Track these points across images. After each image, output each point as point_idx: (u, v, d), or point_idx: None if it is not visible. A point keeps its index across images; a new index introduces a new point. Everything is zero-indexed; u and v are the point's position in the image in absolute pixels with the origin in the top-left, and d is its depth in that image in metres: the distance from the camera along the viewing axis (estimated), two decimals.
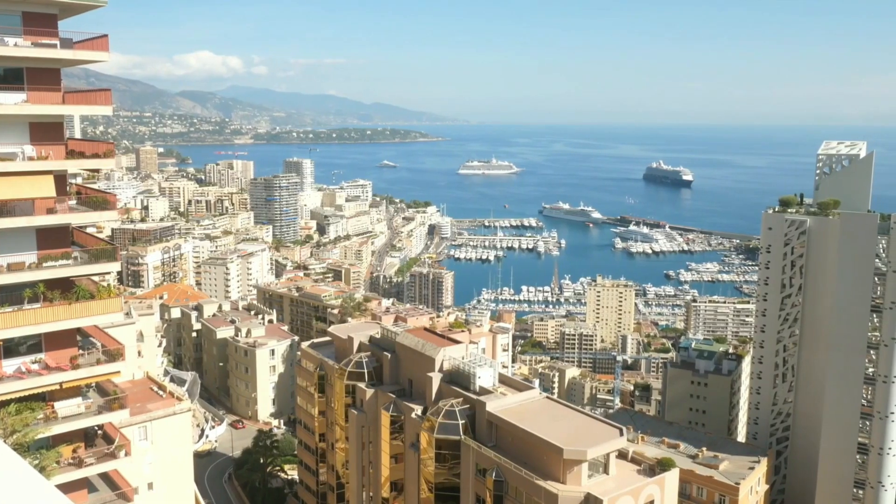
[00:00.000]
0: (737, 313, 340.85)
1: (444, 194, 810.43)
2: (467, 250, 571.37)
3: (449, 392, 76.65)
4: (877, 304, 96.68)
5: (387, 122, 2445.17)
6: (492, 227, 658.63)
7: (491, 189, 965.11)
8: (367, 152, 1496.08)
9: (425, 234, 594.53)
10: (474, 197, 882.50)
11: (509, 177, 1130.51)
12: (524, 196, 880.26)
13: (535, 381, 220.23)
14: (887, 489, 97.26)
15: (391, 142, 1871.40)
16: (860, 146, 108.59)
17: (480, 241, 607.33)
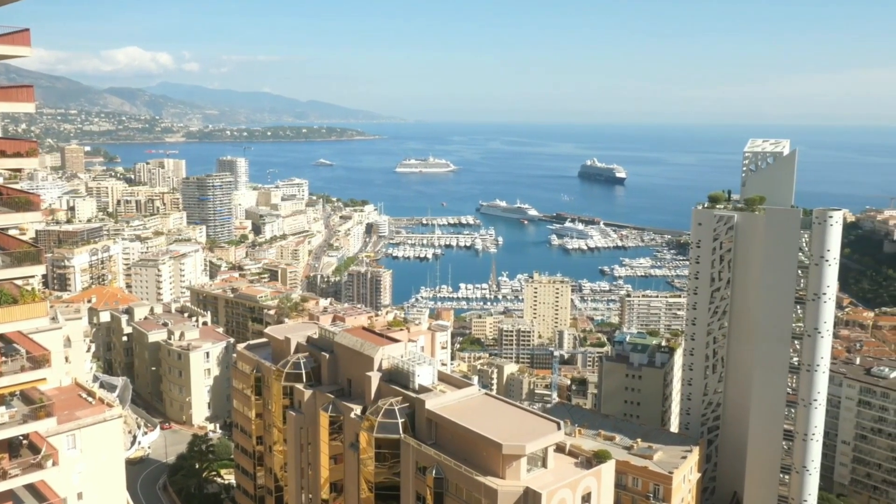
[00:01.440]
0: (669, 307, 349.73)
1: (382, 193, 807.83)
2: (405, 249, 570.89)
3: (388, 391, 76.44)
4: (800, 296, 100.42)
5: (323, 120, 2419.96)
6: (429, 226, 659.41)
7: (428, 187, 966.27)
8: (302, 151, 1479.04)
9: (363, 233, 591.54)
10: (412, 195, 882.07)
11: (447, 175, 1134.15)
12: (461, 194, 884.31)
13: (474, 377, 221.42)
14: (811, 473, 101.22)
15: (327, 140, 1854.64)
16: (784, 144, 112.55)
17: (418, 239, 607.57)
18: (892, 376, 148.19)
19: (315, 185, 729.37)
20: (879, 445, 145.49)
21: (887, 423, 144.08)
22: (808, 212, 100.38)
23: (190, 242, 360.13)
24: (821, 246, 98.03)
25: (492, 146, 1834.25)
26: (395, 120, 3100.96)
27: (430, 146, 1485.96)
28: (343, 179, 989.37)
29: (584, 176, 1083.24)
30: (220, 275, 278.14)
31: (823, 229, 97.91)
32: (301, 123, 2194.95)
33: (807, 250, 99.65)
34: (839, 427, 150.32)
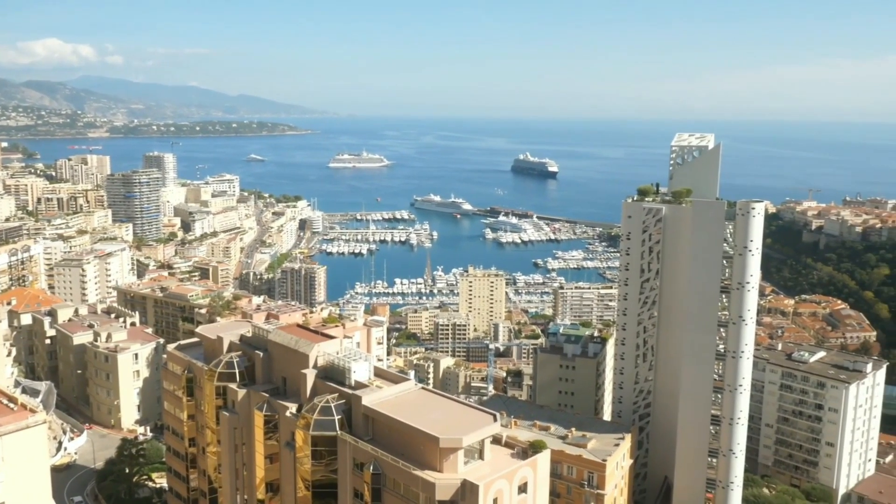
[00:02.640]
0: (601, 298, 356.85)
1: (315, 188, 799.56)
2: (339, 244, 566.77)
3: (324, 388, 75.79)
4: (725, 285, 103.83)
5: (253, 114, 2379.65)
6: (364, 221, 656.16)
7: (362, 182, 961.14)
8: (233, 146, 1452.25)
9: (296, 229, 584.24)
10: (346, 190, 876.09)
11: (380, 170, 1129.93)
12: (396, 189, 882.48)
13: (411, 372, 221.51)
14: (737, 456, 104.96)
15: (258, 135, 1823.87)
16: (709, 138, 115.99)
17: (353, 234, 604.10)
18: (811, 361, 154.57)
19: (246, 181, 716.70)
20: (800, 427, 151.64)
21: (807, 406, 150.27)
22: (731, 204, 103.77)
23: (116, 241, 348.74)
24: (744, 237, 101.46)
25: (425, 141, 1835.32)
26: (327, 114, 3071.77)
27: (363, 141, 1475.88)
28: (275, 175, 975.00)
29: (517, 170, 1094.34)
30: (148, 274, 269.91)
31: (746, 220, 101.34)
32: (231, 118, 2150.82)
33: (731, 241, 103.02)
34: (763, 410, 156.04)
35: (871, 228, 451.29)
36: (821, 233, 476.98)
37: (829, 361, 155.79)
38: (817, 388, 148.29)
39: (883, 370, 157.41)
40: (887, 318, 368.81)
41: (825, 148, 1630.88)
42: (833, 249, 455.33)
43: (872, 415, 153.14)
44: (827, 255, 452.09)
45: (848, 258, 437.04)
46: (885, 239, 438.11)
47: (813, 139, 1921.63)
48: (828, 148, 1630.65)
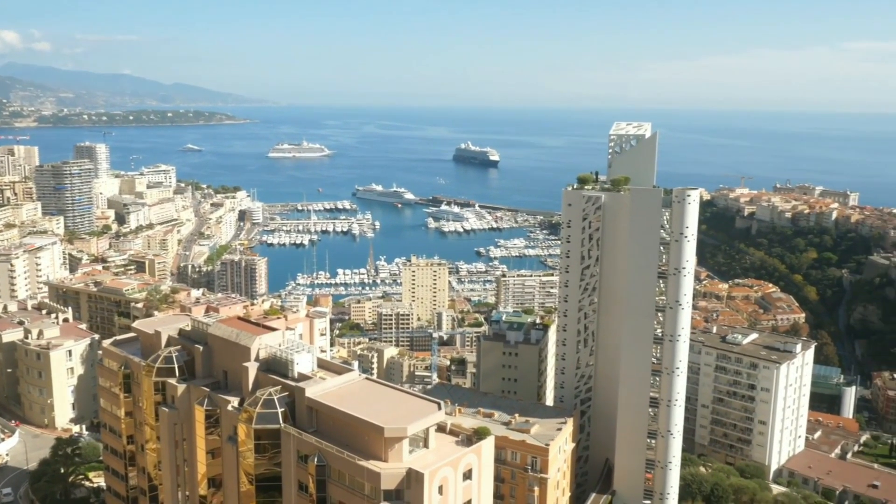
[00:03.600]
0: (542, 285, 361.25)
1: (255, 178, 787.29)
2: (280, 235, 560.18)
3: (267, 381, 74.94)
4: (662, 270, 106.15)
5: (189, 103, 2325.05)
6: (305, 211, 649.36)
7: (303, 172, 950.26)
8: (168, 136, 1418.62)
9: (235, 221, 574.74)
10: (286, 181, 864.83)
11: (321, 159, 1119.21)
12: (337, 179, 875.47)
13: (355, 363, 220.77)
14: (675, 436, 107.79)
15: (195, 124, 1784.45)
16: (646, 127, 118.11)
17: (294, 225, 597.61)
18: (744, 343, 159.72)
19: (183, 172, 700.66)
20: (734, 407, 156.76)
21: (741, 387, 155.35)
22: (668, 191, 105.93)
23: (46, 234, 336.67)
24: (680, 223, 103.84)
25: (367, 130, 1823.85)
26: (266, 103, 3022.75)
27: (303, 130, 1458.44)
28: (213, 165, 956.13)
29: (458, 159, 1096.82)
30: (81, 268, 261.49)
31: (682, 207, 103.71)
32: (166, 107, 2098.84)
33: (668, 227, 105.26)
34: (699, 392, 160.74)
35: (800, 214, 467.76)
36: (753, 219, 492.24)
37: (762, 343, 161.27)
38: (750, 369, 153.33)
39: (811, 350, 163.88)
40: (815, 300, 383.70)
41: (756, 136, 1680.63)
42: (764, 235, 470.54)
43: (802, 393, 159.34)
44: (759, 241, 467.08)
45: (778, 243, 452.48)
46: (813, 224, 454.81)
47: (744, 128, 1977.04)
48: (758, 136, 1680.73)
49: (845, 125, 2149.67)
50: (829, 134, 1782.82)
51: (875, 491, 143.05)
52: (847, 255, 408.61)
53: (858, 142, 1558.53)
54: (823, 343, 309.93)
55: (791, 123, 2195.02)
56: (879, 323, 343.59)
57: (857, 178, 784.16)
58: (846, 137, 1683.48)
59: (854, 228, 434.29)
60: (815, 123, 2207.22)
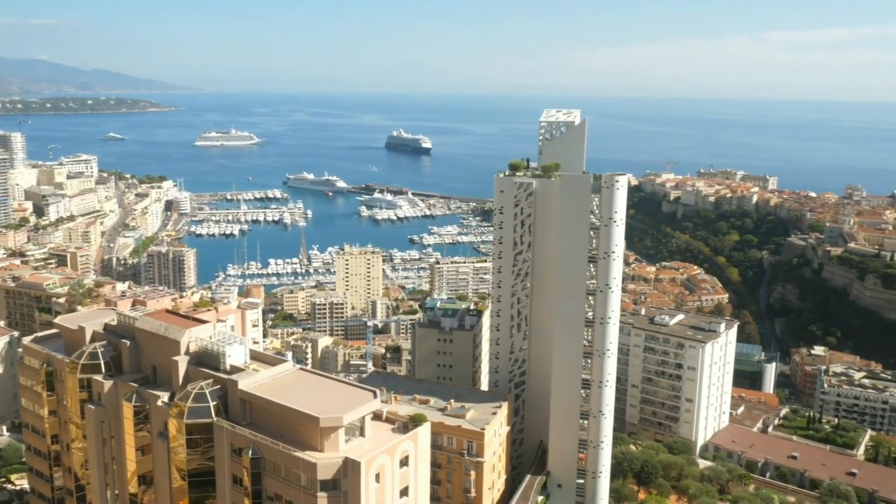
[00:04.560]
0: (476, 272, 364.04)
1: (181, 168, 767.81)
2: (209, 226, 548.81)
3: (198, 374, 73.48)
4: (593, 255, 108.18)
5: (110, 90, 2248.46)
6: (235, 201, 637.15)
7: (231, 161, 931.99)
8: (89, 124, 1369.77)
9: (162, 211, 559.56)
10: (214, 169, 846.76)
11: (250, 148, 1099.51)
12: (267, 167, 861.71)
13: (288, 353, 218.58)
14: (606, 416, 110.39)
15: (117, 112, 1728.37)
16: (575, 114, 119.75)
17: (223, 215, 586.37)
18: (671, 324, 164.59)
19: (105, 161, 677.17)
20: (662, 386, 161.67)
21: (668, 366, 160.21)
22: (597, 177, 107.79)
23: None
24: (609, 208, 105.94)
25: (297, 117, 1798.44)
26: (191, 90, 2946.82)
27: (231, 118, 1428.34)
28: (137, 154, 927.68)
29: (390, 146, 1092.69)
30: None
31: (611, 193, 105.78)
32: (86, 94, 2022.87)
33: (597, 213, 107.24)
34: (629, 372, 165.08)
35: (723, 198, 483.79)
36: (678, 203, 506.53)
37: (687, 323, 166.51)
38: (677, 349, 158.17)
39: (734, 329, 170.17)
40: (738, 281, 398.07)
41: (681, 123, 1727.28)
42: (689, 218, 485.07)
43: (726, 371, 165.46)
44: (684, 224, 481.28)
45: (703, 226, 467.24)
46: (735, 208, 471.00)
47: (669, 114, 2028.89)
48: (683, 123, 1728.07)
49: (765, 112, 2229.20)
50: (749, 120, 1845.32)
51: (794, 462, 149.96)
52: (767, 237, 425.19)
53: (777, 128, 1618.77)
54: (745, 322, 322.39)
55: (713, 110, 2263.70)
56: (797, 302, 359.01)
57: (776, 162, 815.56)
58: (765, 124, 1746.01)
59: (773, 211, 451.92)
60: (736, 110, 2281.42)
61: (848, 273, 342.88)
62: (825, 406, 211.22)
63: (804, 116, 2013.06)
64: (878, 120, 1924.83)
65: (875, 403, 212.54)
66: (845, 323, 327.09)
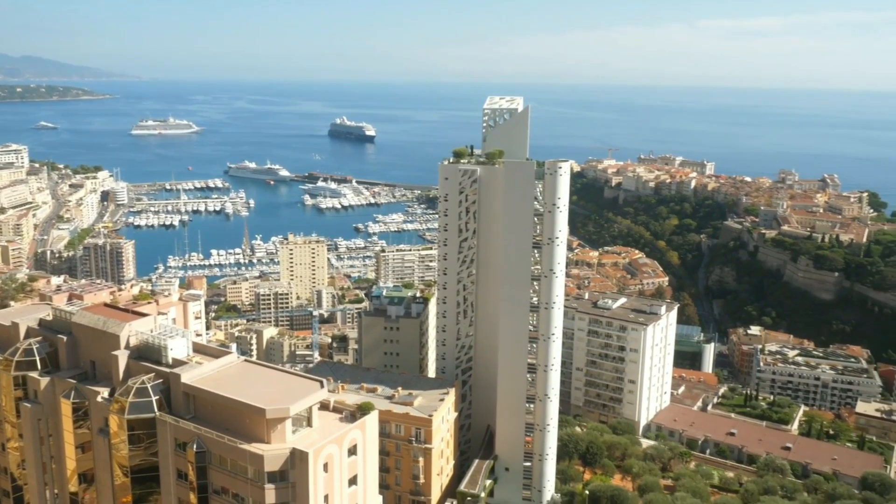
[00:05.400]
0: (422, 259, 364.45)
1: (118, 157, 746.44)
2: (148, 216, 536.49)
3: (139, 369, 71.92)
4: (537, 241, 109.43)
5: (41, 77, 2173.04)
6: (174, 191, 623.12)
7: (170, 150, 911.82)
8: (18, 112, 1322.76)
9: (98, 202, 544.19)
10: (152, 159, 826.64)
11: (189, 136, 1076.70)
12: (208, 156, 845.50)
13: (233, 345, 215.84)
14: (552, 400, 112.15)
15: (48, 100, 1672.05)
16: (518, 101, 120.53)
17: (163, 206, 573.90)
18: (614, 307, 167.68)
19: (37, 151, 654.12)
20: (606, 369, 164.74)
21: (612, 349, 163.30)
22: (540, 163, 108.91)
23: None
24: (552, 194, 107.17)
25: (237, 105, 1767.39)
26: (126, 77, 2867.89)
27: (169, 106, 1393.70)
28: (70, 144, 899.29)
29: (334, 134, 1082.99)
30: None
31: (554, 179, 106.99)
32: (14, 82, 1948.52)
33: (541, 199, 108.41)
34: (573, 356, 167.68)
35: (663, 183, 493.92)
36: (620, 189, 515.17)
37: (630, 307, 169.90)
38: (620, 332, 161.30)
39: (674, 311, 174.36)
40: (677, 264, 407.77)
41: (621, 109, 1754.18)
42: (630, 203, 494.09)
43: (667, 352, 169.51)
44: (625, 209, 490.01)
45: (643, 211, 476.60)
46: (674, 192, 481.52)
47: (610, 101, 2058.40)
48: (624, 109, 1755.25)
49: (702, 98, 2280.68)
50: (687, 107, 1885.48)
51: (732, 438, 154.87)
52: (705, 221, 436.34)
53: (714, 114, 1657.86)
54: (685, 304, 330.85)
55: (653, 97, 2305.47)
56: (734, 283, 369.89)
57: (713, 148, 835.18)
58: (703, 110, 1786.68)
59: (711, 196, 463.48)
60: (676, 97, 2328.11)
61: (782, 255, 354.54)
62: (761, 384, 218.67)
63: (740, 103, 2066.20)
64: (808, 106, 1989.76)
65: (808, 380, 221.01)
66: (779, 303, 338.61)
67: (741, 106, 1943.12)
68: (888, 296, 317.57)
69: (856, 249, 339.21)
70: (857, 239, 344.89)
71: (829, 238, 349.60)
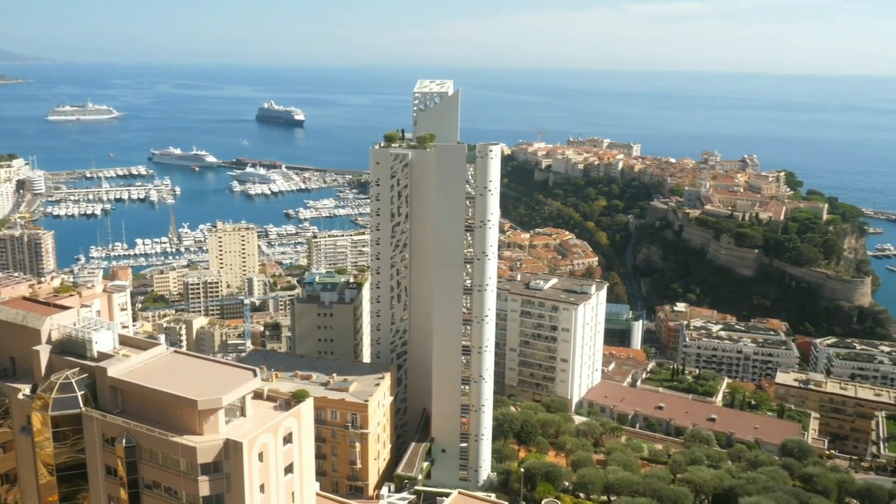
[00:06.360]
0: (354, 244, 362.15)
1: (33, 144, 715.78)
2: (68, 206, 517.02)
3: (62, 364, 69.56)
4: (469, 224, 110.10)
5: None
6: (95, 179, 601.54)
7: (90, 136, 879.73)
8: None
9: (13, 192, 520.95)
10: (71, 146, 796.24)
11: (110, 122, 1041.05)
12: (130, 142, 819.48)
13: (161, 336, 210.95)
14: (487, 381, 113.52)
15: None
16: (448, 85, 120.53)
17: (83, 194, 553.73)
18: (545, 288, 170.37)
19: None
20: (539, 348, 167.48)
21: (544, 329, 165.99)
22: (471, 147, 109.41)
23: None
24: (483, 178, 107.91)
25: (161, 90, 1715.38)
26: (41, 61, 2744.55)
27: (87, 90, 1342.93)
28: None
29: (262, 119, 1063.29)
30: None
31: (485, 162, 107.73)
32: None
33: (472, 182, 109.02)
34: (507, 337, 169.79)
35: (591, 165, 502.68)
36: (549, 171, 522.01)
37: (561, 287, 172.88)
38: (552, 312, 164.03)
39: (604, 291, 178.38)
40: (606, 244, 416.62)
41: (550, 92, 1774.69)
42: (560, 185, 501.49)
43: (597, 330, 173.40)
44: (555, 191, 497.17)
45: (573, 193, 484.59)
46: (602, 174, 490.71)
47: (540, 84, 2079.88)
48: (553, 92, 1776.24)
49: (629, 82, 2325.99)
50: (614, 90, 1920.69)
51: (661, 412, 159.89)
52: (632, 202, 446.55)
53: (640, 97, 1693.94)
54: (614, 283, 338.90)
55: (581, 81, 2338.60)
56: (660, 262, 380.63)
57: (639, 130, 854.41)
58: (629, 93, 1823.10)
59: (637, 177, 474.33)
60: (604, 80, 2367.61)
61: (705, 233, 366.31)
62: (687, 358, 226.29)
63: (665, 86, 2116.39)
64: (729, 89, 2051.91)
65: (731, 353, 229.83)
66: (703, 280, 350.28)
67: (666, 89, 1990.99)
68: (804, 271, 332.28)
69: (774, 227, 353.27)
70: (776, 217, 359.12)
71: (750, 216, 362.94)
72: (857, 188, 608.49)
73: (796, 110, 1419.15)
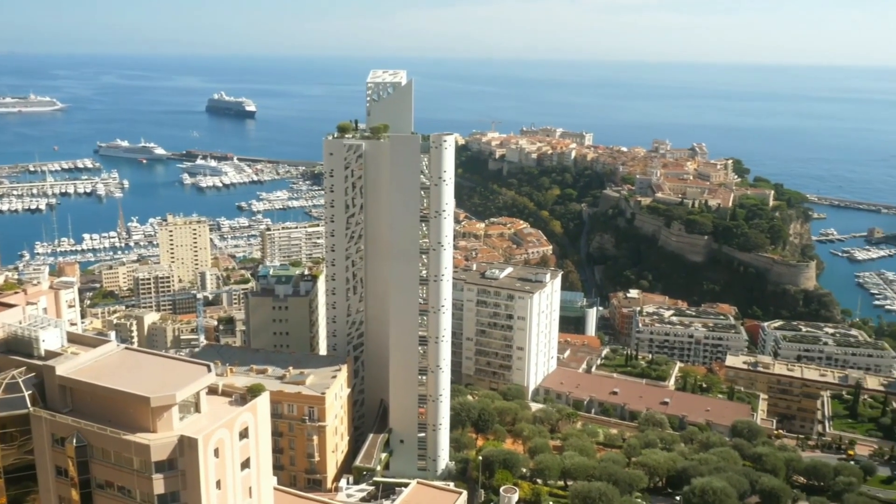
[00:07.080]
0: (309, 236, 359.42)
1: None
2: (11, 201, 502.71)
3: (8, 363, 67.71)
4: (424, 214, 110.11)
5: None
6: (39, 172, 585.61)
7: (32, 129, 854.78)
8: None
9: None
10: (12, 139, 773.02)
11: (53, 114, 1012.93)
12: (75, 135, 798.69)
13: (111, 333, 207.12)
14: (444, 370, 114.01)
15: None
16: (401, 75, 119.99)
17: (26, 188, 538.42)
18: (501, 277, 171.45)
19: None
20: (495, 337, 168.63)
21: (500, 318, 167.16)
22: (426, 137, 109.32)
23: None
24: (438, 168, 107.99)
25: (106, 80, 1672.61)
26: None
27: (29, 82, 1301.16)
28: None
29: (212, 110, 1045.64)
30: None
31: (439, 153, 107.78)
32: None
33: (427, 172, 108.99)
34: (463, 326, 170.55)
35: (544, 155, 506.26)
36: (503, 161, 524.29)
37: (516, 276, 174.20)
38: (507, 301, 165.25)
39: (559, 279, 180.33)
40: (560, 233, 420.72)
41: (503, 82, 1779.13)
42: (514, 175, 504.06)
43: (552, 318, 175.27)
44: (510, 181, 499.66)
45: (527, 182, 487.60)
46: (555, 163, 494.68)
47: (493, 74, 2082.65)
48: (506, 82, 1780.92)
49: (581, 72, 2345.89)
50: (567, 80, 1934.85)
51: (615, 397, 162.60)
52: (585, 191, 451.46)
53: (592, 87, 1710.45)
54: (569, 271, 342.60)
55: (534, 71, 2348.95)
56: (613, 250, 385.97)
57: (592, 119, 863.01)
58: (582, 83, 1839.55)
59: (590, 166, 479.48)
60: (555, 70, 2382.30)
61: (656, 221, 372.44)
62: (640, 344, 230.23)
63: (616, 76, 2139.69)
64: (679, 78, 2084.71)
65: (682, 338, 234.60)
66: (655, 266, 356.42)
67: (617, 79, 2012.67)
68: (752, 256, 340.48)
69: (723, 213, 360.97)
70: (724, 204, 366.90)
71: (699, 203, 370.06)
72: (801, 175, 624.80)
73: (745, 99, 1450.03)
